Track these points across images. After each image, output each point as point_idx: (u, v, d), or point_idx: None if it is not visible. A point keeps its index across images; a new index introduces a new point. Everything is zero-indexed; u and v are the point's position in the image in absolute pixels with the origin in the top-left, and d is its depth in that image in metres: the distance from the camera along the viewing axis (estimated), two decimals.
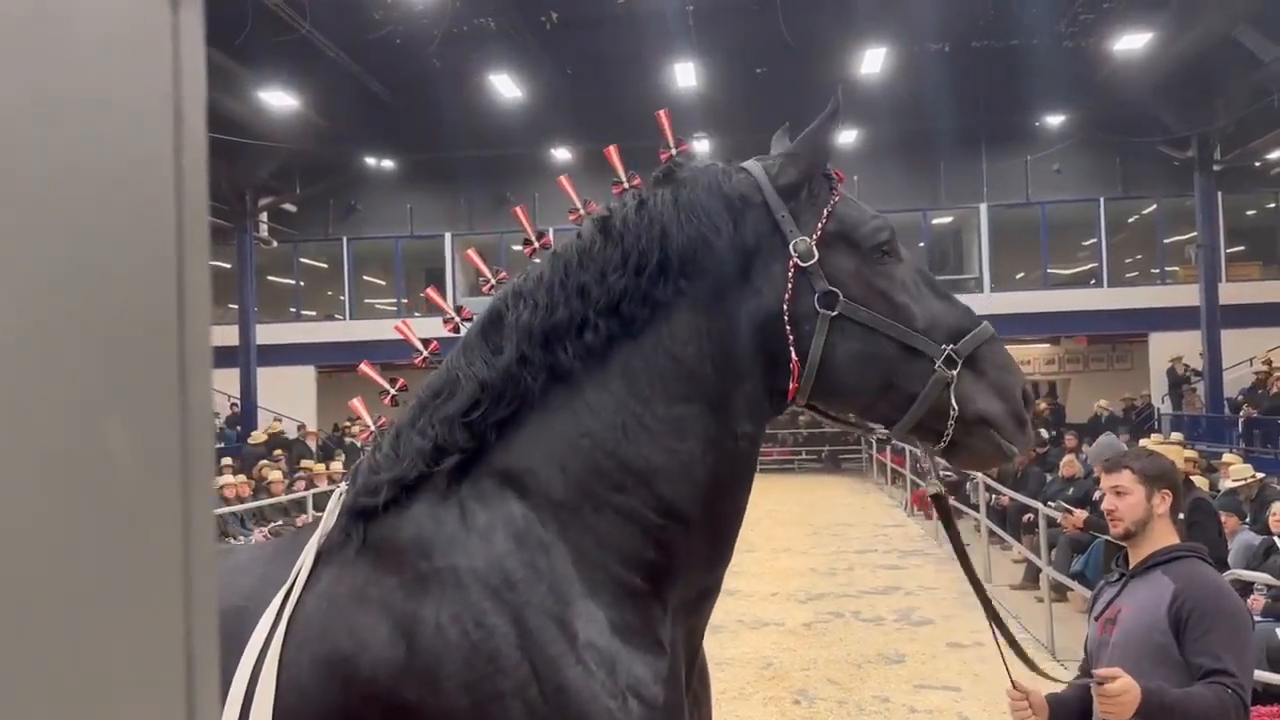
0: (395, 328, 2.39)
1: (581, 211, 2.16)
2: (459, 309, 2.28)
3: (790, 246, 1.95)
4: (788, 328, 1.93)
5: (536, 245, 2.20)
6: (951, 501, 2.18)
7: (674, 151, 2.15)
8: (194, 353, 0.44)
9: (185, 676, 0.44)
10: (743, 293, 1.95)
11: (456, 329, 2.23)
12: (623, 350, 1.92)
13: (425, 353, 2.25)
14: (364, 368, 2.43)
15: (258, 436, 19.80)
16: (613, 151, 2.25)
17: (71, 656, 0.41)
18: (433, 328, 2.33)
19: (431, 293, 2.46)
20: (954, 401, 1.95)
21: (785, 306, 1.93)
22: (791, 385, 1.96)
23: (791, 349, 1.93)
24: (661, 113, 2.22)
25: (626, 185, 2.15)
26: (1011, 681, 2.62)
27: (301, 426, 21.76)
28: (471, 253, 2.54)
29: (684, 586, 1.97)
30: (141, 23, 0.42)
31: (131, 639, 0.43)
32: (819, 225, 1.98)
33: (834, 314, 1.94)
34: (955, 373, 1.96)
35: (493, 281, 2.24)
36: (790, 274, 1.94)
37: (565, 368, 1.91)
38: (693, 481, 1.91)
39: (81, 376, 0.40)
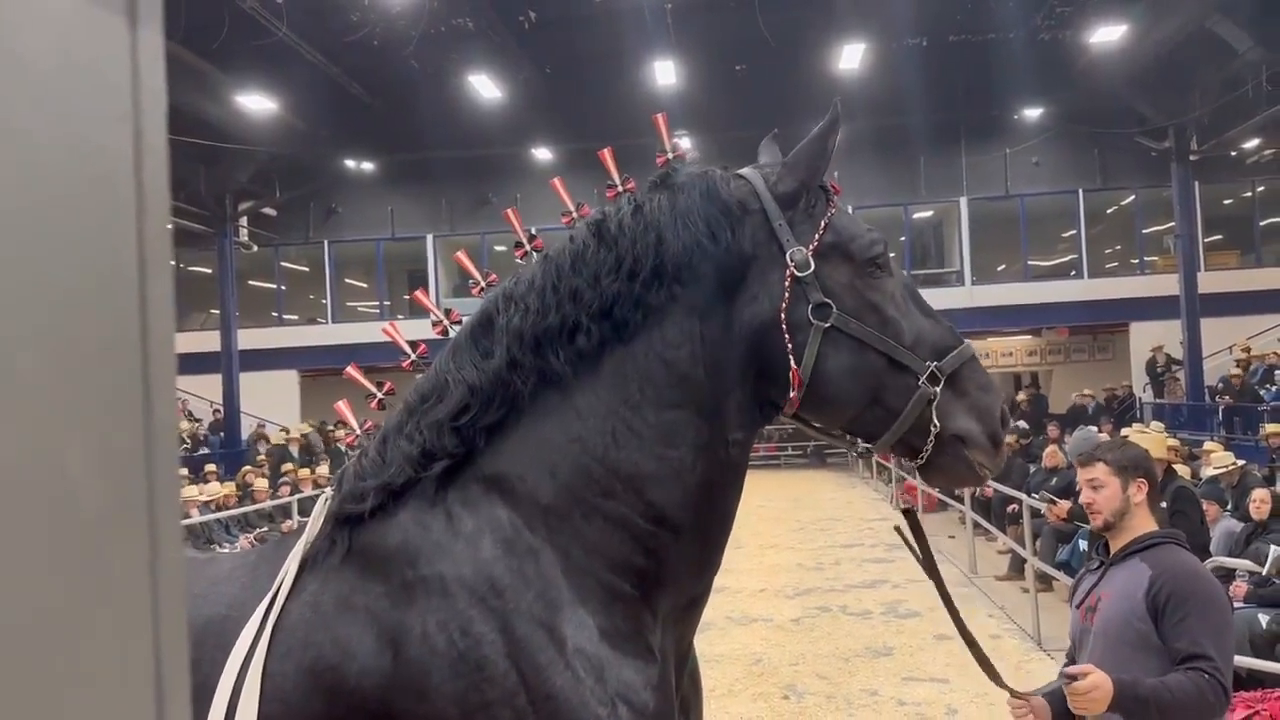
0: (383, 330, 2.38)
1: (574, 215, 2.15)
2: (448, 312, 2.27)
3: (787, 256, 1.94)
4: (786, 338, 1.92)
5: (527, 248, 2.20)
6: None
7: (670, 155, 2.14)
8: (158, 371, 0.43)
9: (155, 697, 0.43)
10: (737, 300, 1.95)
11: (445, 332, 2.22)
12: (614, 355, 1.91)
13: (413, 356, 2.24)
14: (350, 371, 2.41)
15: (278, 437, 19.45)
16: (607, 155, 2.24)
17: (36, 680, 0.40)
18: (416, 330, 2.32)
19: (420, 295, 2.45)
20: (935, 419, 1.96)
21: (781, 316, 1.93)
22: (792, 395, 1.95)
23: (790, 359, 1.93)
24: (659, 116, 2.22)
25: (620, 189, 2.15)
26: (1009, 690, 2.63)
27: (284, 431, 21.63)
28: (461, 255, 2.53)
29: (673, 593, 1.96)
30: (99, 41, 0.41)
31: (98, 662, 0.42)
32: (816, 236, 1.97)
33: (827, 326, 1.93)
34: (937, 390, 1.96)
35: (482, 284, 2.23)
36: (787, 283, 1.93)
37: (556, 372, 1.90)
38: (683, 488, 1.90)
39: (40, 397, 0.40)
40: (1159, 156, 21.56)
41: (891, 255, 2.11)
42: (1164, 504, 7.22)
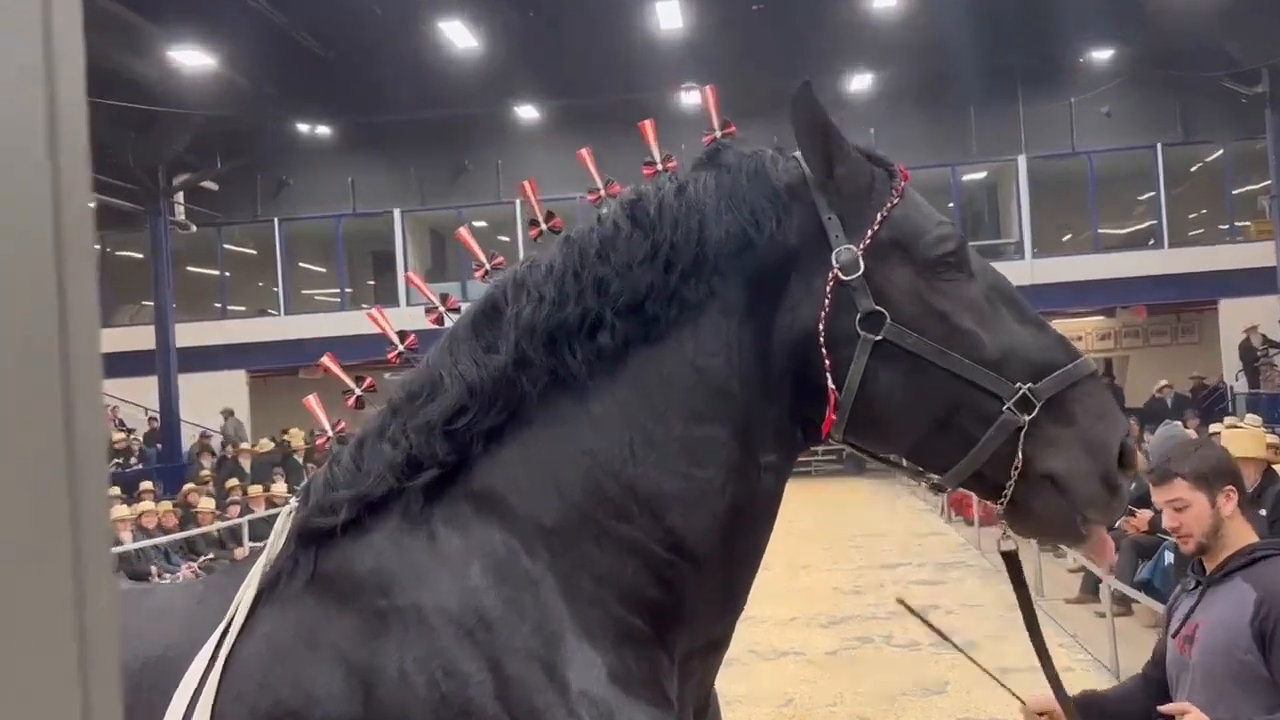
0: (368, 316, 2.40)
1: (602, 192, 2.15)
2: (444, 298, 2.27)
3: (833, 256, 1.92)
4: (824, 350, 1.90)
5: (544, 227, 2.20)
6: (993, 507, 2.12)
7: (719, 134, 2.14)
8: (80, 375, 0.43)
9: None
10: (780, 302, 1.94)
11: (440, 321, 2.22)
12: (638, 357, 1.91)
13: (401, 347, 2.25)
14: (326, 362, 2.42)
15: (264, 445, 19.37)
16: (647, 126, 2.25)
17: None
18: (395, 321, 2.33)
19: (413, 276, 2.47)
20: (1020, 453, 1.88)
21: (821, 326, 1.91)
22: (828, 416, 1.93)
23: (828, 375, 1.90)
24: (708, 89, 2.22)
25: (660, 166, 2.14)
26: (1020, 700, 2.63)
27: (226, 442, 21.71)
28: (463, 232, 2.54)
29: (692, 634, 1.96)
30: None
31: (20, 704, 0.42)
32: (870, 231, 1.94)
33: (877, 338, 1.90)
34: (1030, 417, 1.88)
35: (487, 267, 2.23)
36: (829, 288, 1.91)
37: (571, 373, 1.89)
38: (709, 514, 1.90)
39: None
40: (1251, 103, 21.48)
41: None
42: (1263, 511, 7.21)
